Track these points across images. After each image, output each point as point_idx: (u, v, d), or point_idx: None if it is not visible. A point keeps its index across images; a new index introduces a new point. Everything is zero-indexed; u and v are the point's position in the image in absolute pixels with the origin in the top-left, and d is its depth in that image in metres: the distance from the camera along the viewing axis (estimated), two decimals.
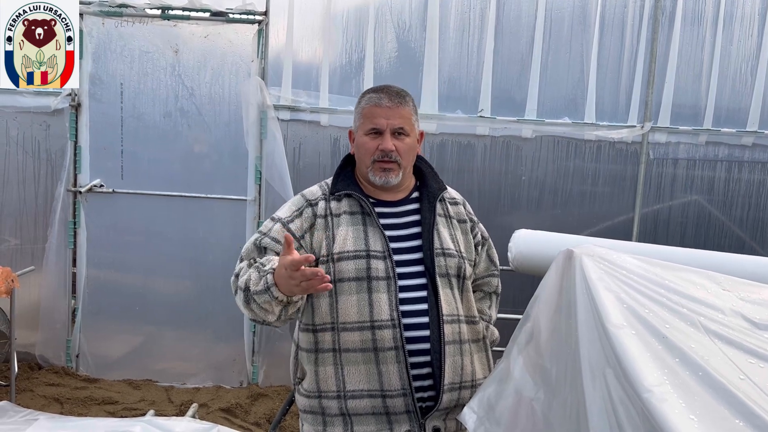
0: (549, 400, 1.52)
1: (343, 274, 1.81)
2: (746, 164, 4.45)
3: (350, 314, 1.80)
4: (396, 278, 1.81)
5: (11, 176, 4.32)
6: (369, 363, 1.79)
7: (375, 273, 1.80)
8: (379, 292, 1.80)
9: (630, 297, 1.42)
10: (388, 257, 1.82)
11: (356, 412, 1.81)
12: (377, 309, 1.78)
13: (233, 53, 4.23)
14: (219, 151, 4.31)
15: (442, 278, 1.86)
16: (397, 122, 1.85)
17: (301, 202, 1.93)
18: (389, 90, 1.89)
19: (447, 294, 1.86)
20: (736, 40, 4.36)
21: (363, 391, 1.80)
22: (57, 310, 4.33)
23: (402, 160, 1.87)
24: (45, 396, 3.95)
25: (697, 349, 1.28)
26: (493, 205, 4.37)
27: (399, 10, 4.27)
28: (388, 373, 1.78)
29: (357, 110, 1.92)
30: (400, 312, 1.79)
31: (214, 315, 4.34)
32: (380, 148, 1.84)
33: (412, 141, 1.89)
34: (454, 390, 1.83)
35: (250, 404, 4.05)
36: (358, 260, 1.81)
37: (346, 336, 1.80)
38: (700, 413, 1.14)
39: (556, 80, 4.35)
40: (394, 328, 1.78)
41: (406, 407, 1.79)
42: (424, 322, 1.82)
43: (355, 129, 1.93)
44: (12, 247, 4.33)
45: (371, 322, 1.78)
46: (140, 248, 4.33)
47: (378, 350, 1.78)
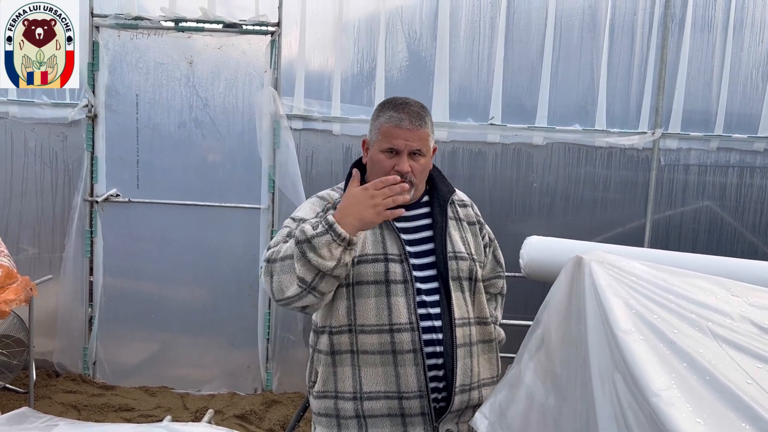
0: (559, 405, 1.54)
1: (362, 277, 1.84)
2: (758, 170, 4.44)
3: (369, 317, 1.83)
4: (413, 281, 1.84)
5: (29, 186, 4.38)
6: (387, 365, 1.82)
7: (393, 276, 1.83)
8: (398, 296, 1.82)
9: (638, 303, 1.44)
10: (405, 261, 1.85)
11: (372, 414, 1.83)
12: (396, 312, 1.81)
13: (246, 64, 4.28)
14: (233, 161, 4.36)
15: (454, 282, 1.88)
16: (415, 144, 1.86)
17: (321, 205, 1.94)
18: (410, 110, 1.87)
19: (459, 297, 1.89)
20: (747, 46, 4.36)
21: (380, 393, 1.82)
22: (74, 318, 4.38)
23: (416, 179, 1.89)
24: (63, 403, 4.00)
25: (704, 354, 1.30)
26: (504, 212, 4.38)
27: (410, 20, 4.31)
28: (406, 375, 1.81)
29: (375, 125, 1.91)
30: (418, 315, 1.82)
31: (228, 322, 4.37)
32: (396, 169, 1.84)
33: (427, 160, 1.92)
34: (464, 392, 1.86)
35: (265, 411, 4.08)
36: (377, 264, 1.84)
37: (364, 338, 1.83)
38: (708, 417, 1.16)
39: (566, 87, 4.36)
40: (412, 331, 1.81)
41: (421, 409, 1.82)
42: (438, 326, 1.85)
43: (371, 142, 1.93)
44: (30, 256, 4.39)
45: (390, 325, 1.81)
46: (156, 256, 4.37)
47: (396, 353, 1.81)
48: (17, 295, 3.30)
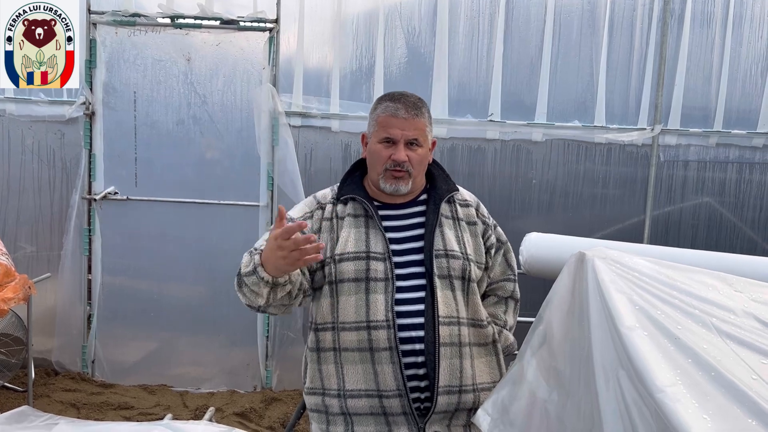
0: (563, 402, 1.53)
1: (343, 275, 1.85)
2: (757, 165, 4.44)
3: (349, 314, 1.84)
4: (394, 279, 1.84)
5: (27, 184, 4.37)
6: (366, 363, 1.82)
7: (374, 274, 1.84)
8: (377, 293, 1.83)
9: (642, 299, 1.43)
10: (388, 259, 1.85)
11: (356, 412, 1.84)
12: (373, 309, 1.82)
13: (245, 60, 4.27)
14: (231, 158, 4.35)
15: (442, 279, 1.86)
16: (411, 134, 1.87)
17: (313, 205, 1.98)
18: (406, 100, 1.89)
19: (446, 295, 1.87)
20: (746, 41, 4.36)
21: (361, 391, 1.83)
22: (73, 317, 4.37)
23: (413, 170, 1.89)
24: (62, 401, 4.00)
25: (709, 349, 1.29)
26: (504, 208, 4.38)
27: (409, 16, 4.30)
28: (384, 373, 1.81)
29: (372, 116, 1.94)
30: (395, 313, 1.81)
31: (227, 320, 4.37)
32: (393, 158, 1.86)
33: (425, 151, 1.92)
34: (452, 393, 1.84)
35: (264, 408, 4.08)
36: (358, 261, 1.84)
37: (344, 336, 1.84)
38: (713, 413, 1.15)
39: (565, 84, 4.36)
40: (388, 329, 1.80)
41: (402, 408, 1.81)
42: (420, 323, 1.83)
43: (369, 134, 1.95)
44: (28, 255, 4.38)
45: (367, 323, 1.81)
46: (154, 254, 4.36)
47: (374, 350, 1.81)
48: (16, 294, 3.29)
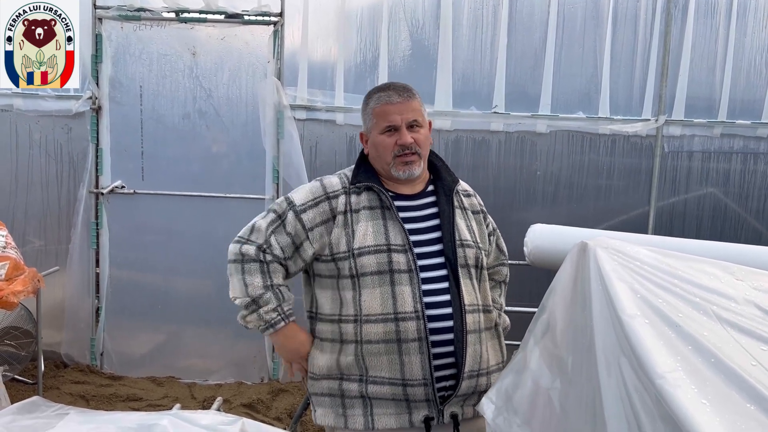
0: (565, 389, 1.55)
1: (365, 268, 1.85)
2: (762, 156, 4.44)
3: (374, 306, 1.84)
4: (418, 270, 1.85)
5: (35, 179, 4.39)
6: (391, 354, 1.83)
7: (397, 266, 1.85)
8: (402, 285, 1.83)
9: (643, 287, 1.45)
10: (409, 250, 1.86)
11: (376, 396, 1.85)
12: (401, 301, 1.83)
13: (249, 54, 4.28)
14: (237, 151, 4.37)
15: (462, 269, 1.90)
16: (410, 116, 1.90)
17: (320, 193, 1.96)
18: (395, 86, 1.94)
19: (468, 284, 1.90)
20: (750, 31, 4.35)
21: (384, 378, 1.84)
22: (81, 310, 4.41)
23: (421, 150, 1.92)
24: (71, 394, 4.03)
25: (709, 337, 1.31)
26: (508, 200, 4.39)
27: (412, 9, 4.30)
28: (411, 363, 1.82)
29: (366, 112, 1.96)
30: (424, 304, 1.83)
31: (234, 312, 4.30)
32: (399, 143, 1.89)
33: (426, 131, 1.96)
34: (472, 377, 1.88)
35: (271, 399, 4.11)
36: (380, 254, 1.85)
37: (368, 328, 1.84)
38: (713, 398, 1.16)
39: (569, 75, 4.36)
40: (418, 320, 1.82)
41: (426, 396, 1.84)
42: (448, 313, 1.86)
43: (368, 130, 1.97)
44: (37, 248, 4.41)
45: (395, 314, 1.82)
46: (161, 247, 4.39)
47: (401, 341, 1.82)
48: (25, 287, 3.31)
